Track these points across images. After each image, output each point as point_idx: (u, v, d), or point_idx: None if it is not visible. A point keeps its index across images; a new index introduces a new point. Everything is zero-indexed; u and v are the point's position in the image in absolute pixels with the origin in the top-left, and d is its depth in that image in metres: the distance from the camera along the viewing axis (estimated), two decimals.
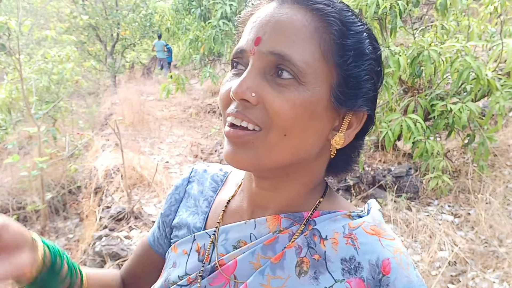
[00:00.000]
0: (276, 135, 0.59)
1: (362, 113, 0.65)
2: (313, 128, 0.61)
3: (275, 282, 0.64)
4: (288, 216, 0.68)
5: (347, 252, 0.63)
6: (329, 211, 0.68)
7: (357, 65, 0.61)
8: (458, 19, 4.93)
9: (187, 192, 0.85)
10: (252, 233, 0.69)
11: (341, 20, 0.60)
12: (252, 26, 0.62)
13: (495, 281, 3.08)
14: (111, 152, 5.43)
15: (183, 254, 0.76)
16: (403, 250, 0.64)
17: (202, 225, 0.78)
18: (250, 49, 0.61)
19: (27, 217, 5.12)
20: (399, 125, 3.88)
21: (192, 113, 8.72)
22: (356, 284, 0.61)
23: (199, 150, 6.29)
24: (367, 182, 4.40)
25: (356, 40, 0.61)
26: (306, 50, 0.59)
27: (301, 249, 0.65)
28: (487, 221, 3.73)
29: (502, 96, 3.87)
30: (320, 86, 0.60)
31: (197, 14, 7.88)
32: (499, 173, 4.67)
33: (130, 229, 3.64)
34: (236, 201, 0.77)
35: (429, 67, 3.90)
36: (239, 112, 0.60)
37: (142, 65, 15.21)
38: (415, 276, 0.62)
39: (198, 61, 7.71)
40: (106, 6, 11.16)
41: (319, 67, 0.60)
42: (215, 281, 0.69)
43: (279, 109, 0.58)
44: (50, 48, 7.24)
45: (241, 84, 0.59)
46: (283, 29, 0.59)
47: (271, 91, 0.59)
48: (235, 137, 0.60)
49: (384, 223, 0.68)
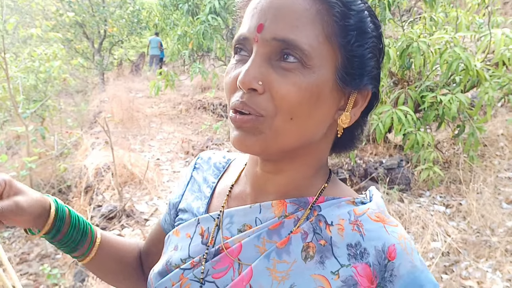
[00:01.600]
0: (282, 119, 0.60)
1: (367, 91, 0.66)
2: (319, 110, 0.62)
3: (281, 266, 0.64)
4: (293, 201, 0.69)
5: (353, 238, 0.64)
6: (334, 197, 0.69)
7: (360, 44, 0.62)
8: (446, 11, 4.95)
9: (192, 177, 0.86)
10: (258, 217, 0.70)
11: (342, 1, 0.60)
12: (253, 13, 0.62)
13: (488, 270, 3.10)
14: (101, 150, 5.38)
15: (185, 237, 0.76)
16: (406, 236, 0.65)
17: (204, 210, 0.78)
18: (253, 36, 0.61)
19: None
20: (390, 117, 3.89)
21: (182, 109, 8.67)
22: (363, 268, 0.62)
23: (190, 146, 6.26)
24: (359, 174, 4.41)
25: (358, 19, 0.61)
26: (310, 34, 0.59)
27: (307, 235, 0.65)
28: (479, 211, 3.76)
29: (491, 87, 3.90)
30: (325, 68, 0.60)
31: (184, 9, 7.81)
32: (489, 163, 4.71)
33: (122, 227, 3.60)
34: (239, 186, 0.77)
35: (418, 59, 3.91)
36: (244, 103, 0.60)
37: (130, 62, 15.08)
38: (419, 261, 0.63)
39: (187, 57, 7.65)
40: (92, 2, 11.02)
41: (324, 50, 0.60)
42: (219, 264, 0.69)
43: (286, 93, 0.59)
44: (36, 46, 7.15)
45: (247, 73, 0.59)
46: (285, 14, 0.59)
47: (277, 77, 0.59)
48: (241, 122, 0.61)
49: (386, 210, 0.69)
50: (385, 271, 0.61)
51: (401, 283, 0.60)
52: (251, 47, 0.61)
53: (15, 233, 4.90)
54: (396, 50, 4.05)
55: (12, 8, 10.06)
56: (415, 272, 0.61)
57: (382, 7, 4.04)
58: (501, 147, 5.06)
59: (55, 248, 4.39)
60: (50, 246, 4.45)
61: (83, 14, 10.63)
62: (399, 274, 0.61)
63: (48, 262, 4.07)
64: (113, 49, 12.97)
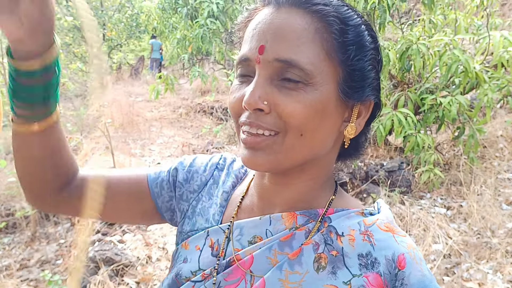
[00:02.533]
0: (293, 136, 0.62)
1: (369, 102, 0.68)
2: (326, 124, 0.64)
3: (293, 277, 0.65)
4: (303, 213, 0.70)
5: (363, 248, 0.65)
6: (343, 209, 0.70)
7: (360, 58, 0.64)
8: (445, 13, 4.96)
9: (213, 178, 0.84)
10: (268, 229, 0.70)
11: (339, 18, 0.62)
12: (253, 34, 0.63)
13: (489, 271, 3.10)
14: (101, 155, 5.37)
15: (195, 250, 0.76)
16: (415, 246, 0.66)
17: (219, 218, 0.78)
18: (255, 57, 0.62)
19: (16, 223, 5.05)
20: (390, 119, 3.89)
21: (182, 113, 8.67)
22: (374, 278, 0.63)
23: (191, 150, 6.26)
24: (360, 177, 4.41)
25: (356, 34, 0.63)
26: (311, 53, 0.61)
27: (318, 246, 0.66)
28: (479, 212, 3.76)
29: (490, 88, 3.90)
30: (327, 84, 0.62)
31: (183, 13, 7.82)
32: (489, 164, 4.72)
33: (123, 233, 3.60)
34: (248, 198, 0.78)
35: (418, 61, 3.92)
36: (252, 122, 0.62)
37: (129, 66, 15.08)
38: (427, 271, 0.64)
39: (187, 61, 7.66)
40: (91, 7, 11.01)
41: (325, 66, 0.62)
42: (231, 276, 0.69)
43: (292, 111, 0.60)
44: None
45: (252, 95, 0.61)
46: (285, 34, 0.61)
47: (281, 96, 0.61)
48: (254, 143, 0.62)
49: (395, 221, 0.70)
50: (396, 280, 0.62)
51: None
52: (253, 68, 0.63)
53: (15, 239, 4.90)
54: (395, 53, 4.06)
55: None
56: (425, 281, 0.62)
57: (381, 10, 4.04)
58: (501, 148, 5.06)
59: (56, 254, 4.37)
60: (51, 252, 4.45)
61: None
62: (409, 283, 0.62)
63: (49, 268, 4.06)
64: (112, 53, 12.98)
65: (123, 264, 3.08)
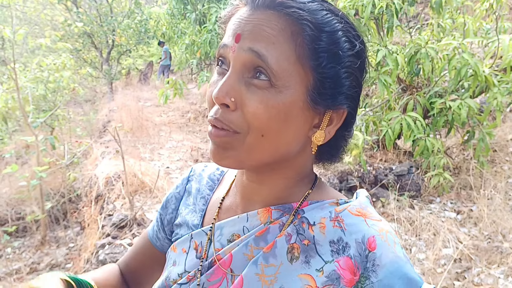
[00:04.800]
0: (253, 137, 0.62)
1: (342, 110, 0.66)
2: (289, 128, 0.63)
3: (269, 270, 0.66)
4: (278, 208, 0.70)
5: (334, 234, 0.65)
6: (317, 201, 0.70)
7: (332, 66, 0.62)
8: (453, 17, 4.95)
9: (186, 191, 0.88)
10: (245, 226, 0.72)
11: (313, 23, 0.61)
12: (232, 27, 0.64)
13: (500, 276, 3.08)
14: (111, 159, 5.41)
15: (182, 253, 0.78)
16: (390, 230, 0.65)
17: (199, 222, 0.80)
18: (231, 45, 0.63)
19: (26, 227, 5.09)
20: (399, 123, 3.89)
21: (190, 117, 8.71)
22: (344, 262, 0.63)
23: (199, 154, 6.28)
24: (369, 181, 4.40)
25: (330, 42, 0.62)
26: (282, 54, 0.60)
27: (290, 236, 0.67)
28: (490, 216, 3.73)
29: (499, 92, 3.89)
30: (294, 88, 0.61)
31: (192, 18, 7.87)
32: (500, 168, 4.68)
33: (133, 236, 3.62)
34: (230, 197, 0.79)
35: (427, 65, 3.91)
36: (217, 119, 0.63)
37: (138, 71, 15.19)
38: (402, 253, 0.63)
39: (195, 66, 7.70)
40: (100, 13, 11.14)
41: (294, 71, 0.61)
42: (213, 276, 0.71)
43: (254, 110, 0.61)
44: (45, 56, 7.23)
45: (221, 89, 0.61)
46: (262, 30, 0.61)
47: (247, 94, 0.61)
48: (216, 137, 0.63)
49: (371, 207, 0.69)
50: (367, 262, 0.61)
51: (384, 272, 0.60)
52: (228, 59, 0.64)
53: (25, 242, 4.94)
54: (404, 57, 4.05)
55: (22, 19, 10.20)
56: (398, 261, 0.61)
57: (389, 14, 4.05)
58: (511, 152, 5.03)
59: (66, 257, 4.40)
60: (60, 256, 4.47)
61: (91, 24, 10.74)
62: (381, 264, 0.61)
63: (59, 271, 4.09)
64: (121, 59, 13.08)
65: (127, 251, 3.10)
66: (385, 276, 0.60)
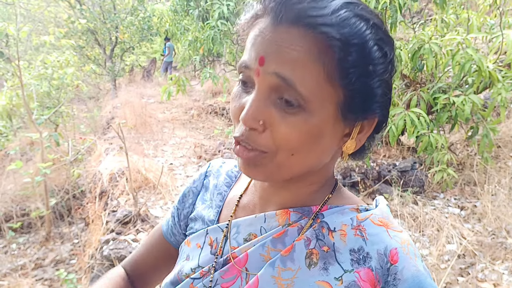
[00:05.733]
0: (283, 156, 0.61)
1: (373, 118, 0.64)
2: (320, 145, 0.62)
3: (286, 274, 0.65)
4: (297, 210, 0.69)
5: (355, 243, 0.64)
6: (337, 205, 0.69)
7: (364, 80, 0.59)
8: (457, 12, 4.92)
9: (204, 186, 0.87)
10: (262, 227, 0.71)
11: (341, 39, 0.56)
12: (255, 42, 0.60)
13: (504, 272, 3.07)
14: (115, 156, 5.43)
15: (196, 248, 0.77)
16: (410, 242, 0.64)
17: (215, 218, 0.79)
18: (255, 68, 0.59)
19: (31, 223, 5.12)
20: (403, 119, 3.88)
21: (193, 114, 8.71)
22: (365, 273, 0.62)
23: (203, 151, 6.29)
24: (373, 177, 4.40)
25: (360, 55, 0.57)
26: (310, 76, 0.57)
27: (310, 241, 0.66)
28: (494, 212, 3.73)
29: (503, 88, 3.87)
30: (326, 108, 0.59)
31: (195, 15, 7.87)
32: (504, 164, 4.67)
33: (137, 232, 3.63)
34: (248, 196, 0.78)
35: (430, 61, 3.90)
36: (244, 141, 0.61)
37: (141, 68, 15.21)
38: (422, 267, 0.62)
39: (198, 62, 7.70)
40: (103, 10, 11.14)
41: (324, 90, 0.58)
42: (227, 274, 0.70)
43: (286, 136, 0.59)
44: (49, 53, 7.24)
45: (249, 113, 0.59)
46: (287, 52, 0.57)
47: (278, 118, 0.59)
48: (245, 157, 0.62)
49: (392, 217, 0.68)
50: (388, 275, 0.61)
51: (405, 287, 0.59)
52: (252, 80, 0.61)
53: (30, 238, 4.96)
54: (407, 52, 4.04)
55: (25, 16, 10.22)
56: (420, 276, 0.60)
57: (393, 10, 4.03)
58: None
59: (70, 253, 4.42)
60: (65, 252, 4.50)
61: (94, 21, 10.75)
62: (403, 278, 0.60)
63: (63, 267, 4.11)
64: (125, 56, 13.09)
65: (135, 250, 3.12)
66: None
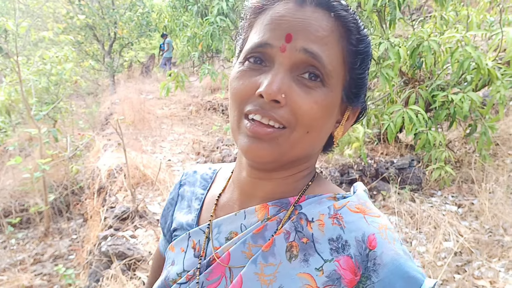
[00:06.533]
0: (300, 133, 0.63)
1: (358, 108, 0.71)
2: (328, 125, 0.67)
3: (268, 269, 0.65)
4: (275, 203, 0.70)
5: (333, 232, 0.64)
6: (315, 195, 0.70)
7: (363, 68, 0.67)
8: (456, 9, 4.91)
9: (180, 195, 0.88)
10: (242, 224, 0.71)
11: (357, 26, 0.65)
12: (277, 23, 0.62)
13: (501, 270, 3.08)
14: (113, 152, 5.42)
15: (180, 252, 0.77)
16: (389, 226, 0.64)
17: (194, 222, 0.80)
18: (280, 45, 0.61)
19: (30, 219, 5.12)
20: (401, 117, 3.88)
21: (192, 110, 8.71)
22: (345, 261, 0.62)
23: (201, 147, 6.29)
24: (370, 174, 4.40)
25: (366, 45, 0.66)
26: (333, 55, 0.63)
27: (289, 234, 0.66)
28: (491, 210, 3.73)
29: (502, 85, 3.87)
30: (338, 87, 0.65)
31: (194, 11, 7.85)
32: (502, 162, 4.67)
33: (135, 228, 3.64)
34: (226, 194, 0.79)
35: (429, 58, 3.89)
36: (266, 112, 0.61)
37: (140, 64, 15.18)
38: (402, 251, 0.62)
39: (197, 58, 7.69)
40: (102, 5, 11.11)
41: (340, 70, 0.64)
42: (211, 275, 0.70)
43: (308, 109, 0.61)
44: (48, 49, 7.23)
45: (273, 85, 0.60)
46: (315, 30, 0.61)
47: (300, 92, 0.61)
48: (262, 133, 0.61)
49: (370, 202, 0.68)
50: (368, 261, 0.60)
51: (385, 272, 0.59)
52: (271, 57, 0.62)
53: (28, 234, 4.97)
54: (406, 50, 4.03)
55: (24, 12, 10.18)
56: (399, 259, 0.60)
57: (392, 6, 4.03)
58: None
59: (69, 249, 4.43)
60: (64, 247, 4.50)
61: (93, 16, 10.72)
62: (382, 263, 0.59)
63: (62, 262, 4.11)
64: (123, 51, 13.06)
65: (135, 258, 3.12)
66: (386, 276, 0.59)
